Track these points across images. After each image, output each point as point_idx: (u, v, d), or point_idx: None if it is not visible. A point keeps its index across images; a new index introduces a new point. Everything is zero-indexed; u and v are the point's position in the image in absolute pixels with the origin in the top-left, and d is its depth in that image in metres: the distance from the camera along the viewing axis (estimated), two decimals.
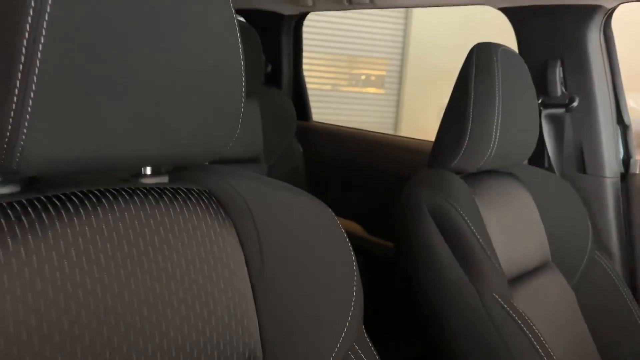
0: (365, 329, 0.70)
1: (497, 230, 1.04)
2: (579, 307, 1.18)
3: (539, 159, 1.39)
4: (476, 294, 0.91)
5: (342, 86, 5.59)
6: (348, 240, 0.68)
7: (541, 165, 1.39)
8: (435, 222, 0.95)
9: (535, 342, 0.88)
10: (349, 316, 0.64)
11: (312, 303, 0.62)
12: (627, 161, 1.38)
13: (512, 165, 1.17)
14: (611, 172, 1.33)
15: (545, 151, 1.38)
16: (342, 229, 0.68)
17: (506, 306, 0.90)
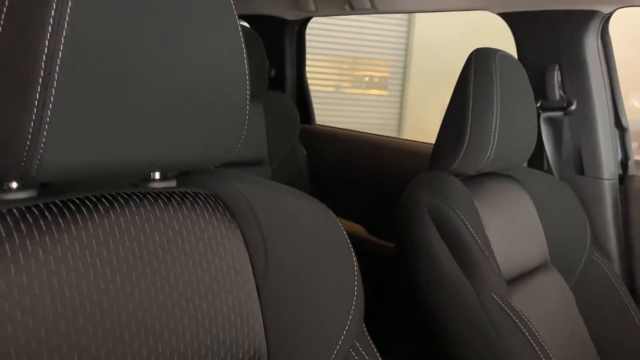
0: (367, 328, 0.72)
1: (495, 232, 1.06)
2: (577, 307, 1.20)
3: (538, 162, 1.41)
4: (475, 294, 0.93)
5: (346, 88, 5.61)
6: (349, 241, 0.70)
7: (540, 168, 1.40)
8: (435, 224, 0.97)
9: (533, 342, 0.90)
10: (350, 315, 0.67)
11: (314, 302, 0.64)
12: (625, 163, 1.39)
13: (511, 167, 1.19)
14: (609, 174, 1.35)
15: (544, 154, 1.39)
16: (343, 230, 0.70)
17: (504, 306, 0.92)
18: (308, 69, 2.19)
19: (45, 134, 0.44)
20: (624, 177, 1.39)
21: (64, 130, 0.45)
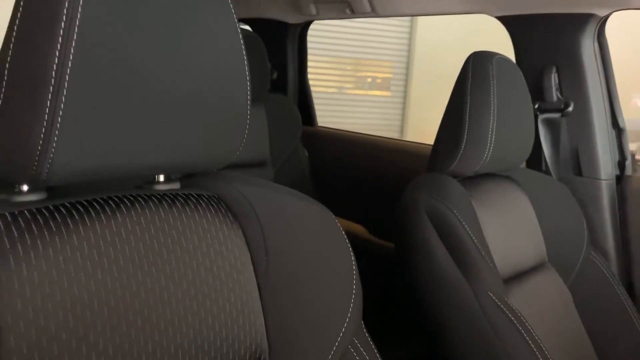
0: (368, 327, 0.74)
1: (493, 232, 1.08)
2: (575, 305, 1.21)
3: (536, 163, 1.42)
4: (472, 293, 0.95)
5: (349, 89, 5.62)
6: (348, 241, 0.72)
7: (538, 169, 1.42)
8: (433, 225, 0.99)
9: (529, 339, 0.92)
10: (349, 313, 0.69)
11: (314, 300, 0.67)
12: (622, 163, 1.40)
13: (509, 168, 1.21)
14: (606, 174, 1.36)
15: (542, 155, 1.40)
16: (342, 231, 0.72)
17: (501, 304, 0.94)
18: (311, 70, 2.20)
19: (55, 139, 0.46)
20: (621, 178, 1.40)
21: (73, 135, 0.47)
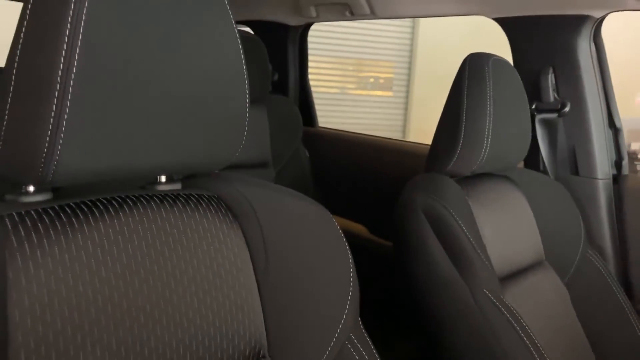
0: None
1: (490, 230, 1.09)
2: (571, 303, 1.23)
3: (534, 162, 1.44)
4: (467, 290, 0.96)
5: (351, 89, 5.63)
6: (345, 240, 0.74)
7: (536, 168, 1.43)
8: (430, 224, 1.01)
9: (524, 335, 0.93)
10: (346, 309, 0.70)
11: (312, 297, 0.68)
12: (619, 163, 1.42)
13: (507, 168, 1.23)
14: (603, 173, 1.37)
15: (539, 154, 1.42)
16: (339, 229, 0.74)
17: (496, 302, 0.96)
18: (314, 70, 2.22)
19: (61, 141, 0.48)
20: (618, 177, 1.42)
21: (78, 137, 0.49)
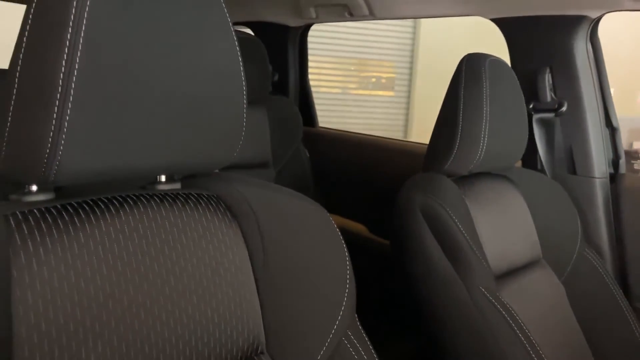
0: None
1: (487, 229, 1.10)
2: (568, 301, 1.24)
3: (531, 162, 1.45)
4: (464, 287, 0.98)
5: (353, 89, 5.64)
6: (342, 238, 0.75)
7: (534, 168, 1.44)
8: (427, 223, 1.02)
9: (518, 331, 0.95)
10: (343, 306, 0.72)
11: (309, 294, 0.70)
12: (616, 162, 1.43)
13: (504, 167, 1.24)
14: (600, 172, 1.38)
15: (537, 154, 1.43)
16: (336, 228, 0.75)
17: (492, 298, 0.97)
18: (316, 70, 2.23)
19: (63, 142, 0.50)
20: (615, 175, 1.43)
21: (79, 139, 0.51)
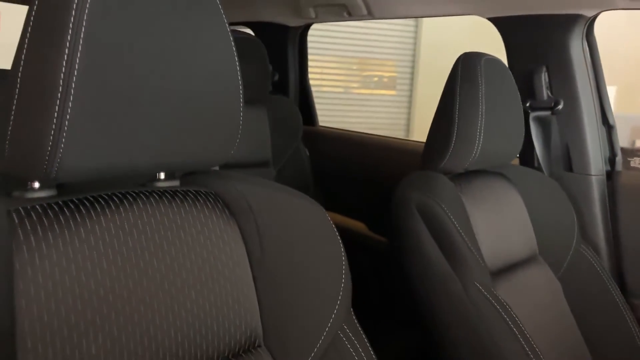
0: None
1: (483, 226, 1.12)
2: (565, 297, 1.25)
3: (529, 159, 1.46)
4: (459, 283, 0.99)
5: (355, 88, 5.65)
6: (338, 234, 0.77)
7: (531, 165, 1.45)
8: (423, 220, 1.04)
9: (513, 326, 0.96)
10: (339, 300, 0.73)
11: (306, 288, 0.71)
12: (613, 159, 1.44)
13: (501, 165, 1.25)
14: (596, 170, 1.40)
15: (534, 152, 1.44)
16: (332, 225, 0.77)
17: (487, 294, 0.98)
18: (317, 70, 2.24)
19: (63, 140, 0.52)
20: (611, 173, 1.44)
21: (80, 137, 0.53)
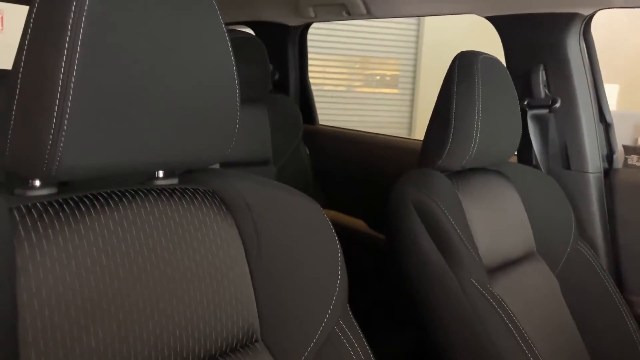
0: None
1: (479, 223, 1.13)
2: (562, 293, 1.26)
3: (527, 157, 1.47)
4: (455, 280, 1.00)
5: (357, 87, 5.65)
6: (334, 232, 0.78)
7: (529, 163, 1.46)
8: (420, 217, 1.05)
9: (508, 322, 0.97)
10: (335, 296, 0.74)
11: (302, 284, 0.73)
12: (610, 157, 1.45)
13: (498, 163, 1.26)
14: (594, 167, 1.40)
15: (532, 149, 1.45)
16: (328, 221, 0.78)
17: (482, 290, 0.99)
18: (320, 69, 2.25)
19: (63, 139, 0.53)
20: (609, 170, 1.44)
21: (79, 136, 0.54)
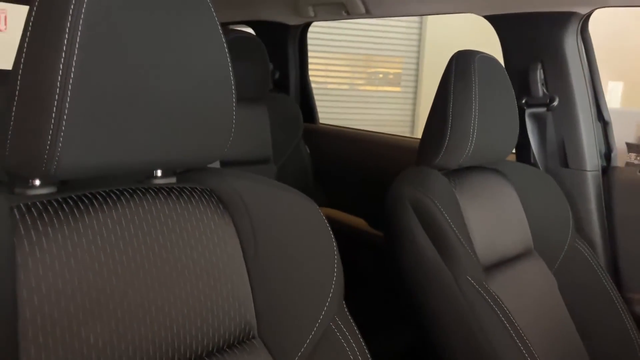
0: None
1: (476, 221, 1.14)
2: (560, 291, 1.27)
3: (525, 155, 1.48)
4: (452, 277, 1.01)
5: (360, 85, 5.65)
6: (331, 229, 0.79)
7: (527, 161, 1.46)
8: (416, 215, 1.06)
9: (504, 319, 0.98)
10: (331, 292, 0.75)
11: (298, 281, 0.74)
12: (608, 155, 1.45)
13: (496, 161, 1.27)
14: (592, 165, 1.41)
15: (530, 148, 1.46)
16: (324, 219, 0.79)
17: (478, 287, 1.00)
18: (322, 67, 2.25)
19: (61, 139, 0.54)
20: (607, 168, 1.45)
21: (77, 136, 0.55)
